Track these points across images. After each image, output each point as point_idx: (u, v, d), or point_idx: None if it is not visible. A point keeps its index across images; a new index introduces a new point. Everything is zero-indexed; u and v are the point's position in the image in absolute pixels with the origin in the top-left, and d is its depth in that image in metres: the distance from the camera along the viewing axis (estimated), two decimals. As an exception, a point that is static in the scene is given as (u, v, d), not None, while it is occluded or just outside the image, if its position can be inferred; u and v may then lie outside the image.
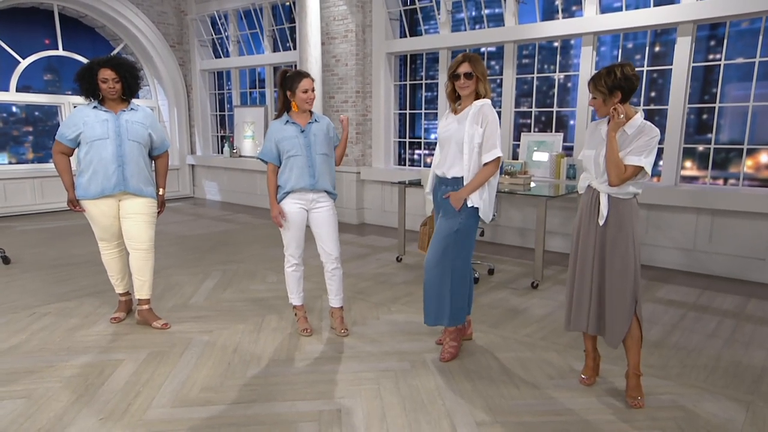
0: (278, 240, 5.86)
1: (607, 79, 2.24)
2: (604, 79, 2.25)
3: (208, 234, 6.34)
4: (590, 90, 2.35)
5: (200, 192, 9.37)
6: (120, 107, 3.20)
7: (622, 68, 2.23)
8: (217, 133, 9.34)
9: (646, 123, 2.30)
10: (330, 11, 6.70)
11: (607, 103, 2.29)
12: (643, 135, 2.27)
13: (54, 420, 2.32)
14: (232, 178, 8.72)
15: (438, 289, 2.81)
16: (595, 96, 2.33)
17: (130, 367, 2.83)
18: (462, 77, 2.66)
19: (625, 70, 2.23)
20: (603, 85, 2.26)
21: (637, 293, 2.40)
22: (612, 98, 2.27)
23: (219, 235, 6.30)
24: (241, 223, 7.08)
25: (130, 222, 3.28)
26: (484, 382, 2.68)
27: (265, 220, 7.23)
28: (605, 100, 2.29)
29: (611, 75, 2.23)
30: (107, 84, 3.08)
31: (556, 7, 5.50)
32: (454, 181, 2.76)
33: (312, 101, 2.99)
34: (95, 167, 3.14)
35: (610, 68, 2.25)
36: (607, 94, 2.27)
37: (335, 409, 2.41)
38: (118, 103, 3.20)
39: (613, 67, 2.25)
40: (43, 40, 7.83)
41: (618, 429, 2.25)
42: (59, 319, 3.52)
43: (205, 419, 2.34)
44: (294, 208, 3.07)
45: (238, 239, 6.06)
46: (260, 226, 6.86)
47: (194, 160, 9.22)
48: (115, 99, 3.16)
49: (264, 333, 3.31)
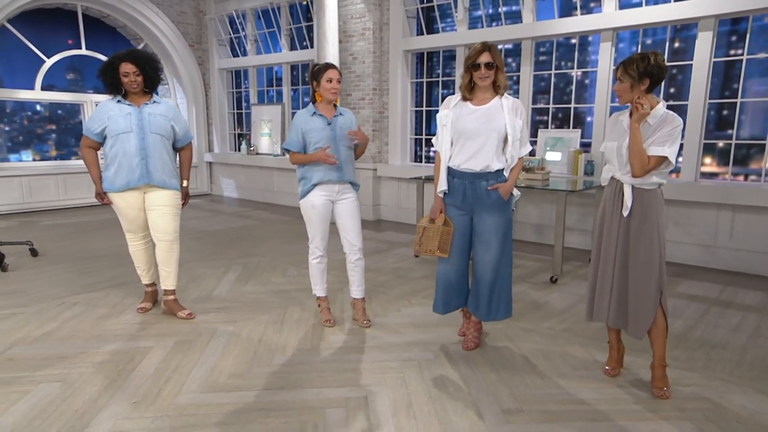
0: (296, 235, 5.95)
1: (640, 63, 2.21)
2: (637, 64, 2.22)
3: (227, 229, 6.40)
4: (619, 74, 2.29)
5: (217, 189, 9.46)
6: (143, 100, 3.25)
7: (655, 56, 2.22)
8: (234, 131, 9.42)
9: (668, 112, 2.28)
10: (348, 9, 6.73)
11: (634, 89, 2.26)
12: (666, 124, 2.25)
13: (89, 402, 2.36)
14: (249, 176, 8.79)
15: (502, 282, 2.77)
16: (623, 80, 2.28)
17: (159, 355, 2.87)
18: (483, 67, 2.57)
19: (657, 58, 2.21)
20: (634, 70, 2.22)
21: (662, 284, 2.39)
22: (640, 85, 2.25)
23: (237, 230, 6.36)
24: (259, 219, 7.13)
25: (155, 214, 3.32)
26: (508, 372, 2.68)
27: (283, 216, 7.28)
28: (633, 86, 2.26)
29: (645, 60, 2.21)
30: (128, 78, 3.13)
31: (574, 4, 5.48)
32: (496, 174, 2.68)
33: (336, 92, 3.00)
34: (120, 161, 3.19)
35: (644, 54, 2.23)
36: (636, 79, 2.24)
37: (362, 396, 2.43)
38: (140, 97, 3.24)
39: (646, 54, 2.23)
40: (67, 40, 7.95)
41: (645, 419, 2.24)
42: (87, 308, 3.59)
43: (235, 404, 2.37)
44: (321, 201, 3.09)
45: (257, 234, 6.11)
46: (278, 221, 6.91)
47: (212, 158, 9.31)
48: (137, 92, 3.20)
49: (287, 324, 3.34)
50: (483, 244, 2.73)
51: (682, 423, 2.20)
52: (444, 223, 2.78)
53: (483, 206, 2.71)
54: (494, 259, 2.72)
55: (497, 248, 2.71)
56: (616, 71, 2.33)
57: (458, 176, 2.72)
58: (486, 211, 2.71)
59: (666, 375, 2.46)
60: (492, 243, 2.71)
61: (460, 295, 2.90)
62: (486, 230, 2.72)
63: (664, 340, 2.44)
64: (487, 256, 2.73)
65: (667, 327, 2.43)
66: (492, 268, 2.73)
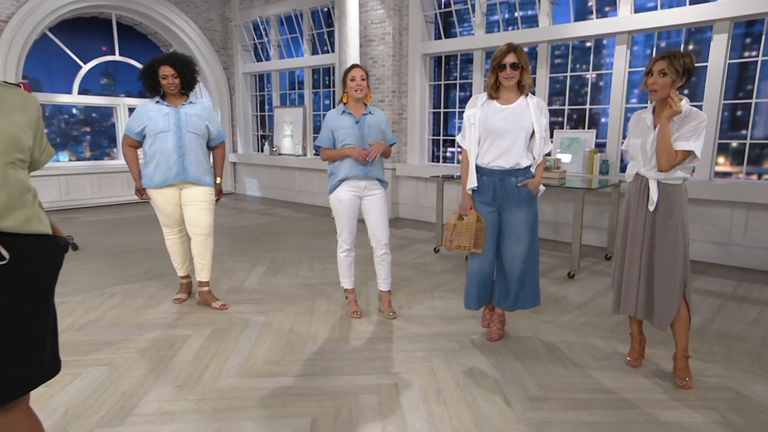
0: (318, 232, 5.98)
1: (686, 59, 2.18)
2: (683, 60, 2.18)
3: (253, 226, 6.46)
4: (663, 67, 2.22)
5: (241, 188, 9.54)
6: (180, 101, 3.30)
7: (693, 56, 2.21)
8: (257, 132, 9.50)
9: (692, 108, 2.26)
10: (368, 15, 6.75)
11: (675, 84, 2.22)
12: (691, 120, 2.23)
13: (135, 385, 2.41)
14: (272, 175, 8.86)
15: (530, 274, 2.77)
16: (666, 73, 2.21)
17: (196, 342, 2.92)
18: (508, 67, 2.57)
19: (694, 58, 2.20)
20: (681, 65, 2.18)
21: (686, 277, 2.37)
22: (679, 80, 2.22)
23: (262, 227, 6.41)
24: (282, 216, 7.19)
25: (191, 209, 3.37)
26: (532, 362, 2.68)
27: (305, 213, 7.32)
28: (674, 81, 2.21)
29: (689, 57, 2.18)
30: (167, 80, 3.18)
31: (589, 8, 5.44)
32: (525, 171, 2.69)
33: (361, 89, 3.02)
34: (158, 158, 3.24)
35: (686, 52, 2.21)
36: (680, 74, 2.20)
37: (392, 383, 2.45)
38: (178, 98, 3.30)
39: (688, 53, 2.21)
40: (101, 47, 8.08)
41: (669, 407, 2.23)
42: (127, 299, 3.65)
43: (271, 389, 2.40)
44: (348, 196, 3.11)
45: (281, 231, 6.16)
46: (300, 219, 6.95)
47: (236, 158, 9.39)
48: (175, 94, 3.26)
49: (316, 315, 3.37)
50: (513, 238, 2.74)
51: (706, 412, 2.18)
52: (476, 220, 2.77)
53: (513, 202, 2.71)
54: (524, 252, 2.73)
55: (527, 242, 2.72)
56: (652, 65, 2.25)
57: (487, 174, 2.72)
58: (516, 207, 2.72)
59: (688, 366, 2.44)
60: (522, 237, 2.72)
61: (489, 289, 2.90)
62: (516, 225, 2.73)
63: (687, 331, 2.42)
64: (516, 249, 2.74)
65: (690, 319, 2.41)
66: (522, 260, 2.74)
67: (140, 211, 7.43)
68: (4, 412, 1.44)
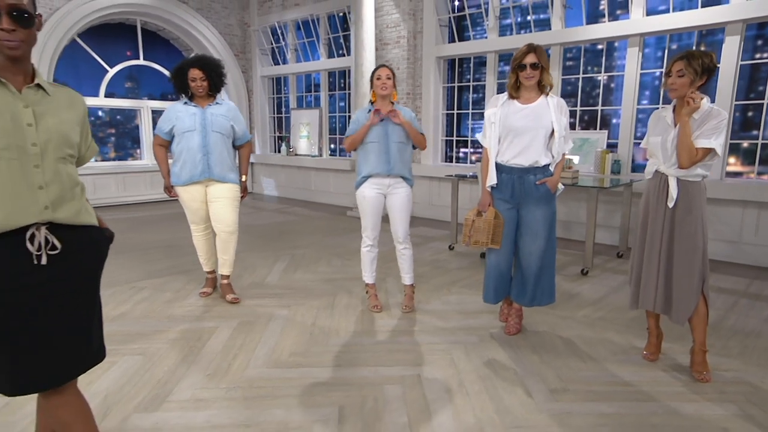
0: (335, 230, 6.01)
1: (705, 59, 2.17)
2: (702, 60, 2.17)
3: (271, 224, 6.50)
4: (680, 67, 2.22)
5: (258, 188, 9.60)
6: (207, 102, 3.33)
7: (715, 55, 2.19)
8: (274, 133, 9.56)
9: (713, 107, 2.25)
10: (383, 19, 6.77)
11: (693, 84, 2.22)
12: (712, 118, 2.22)
13: (168, 373, 2.45)
14: (289, 175, 8.90)
15: (547, 270, 2.76)
16: (684, 74, 2.21)
17: (224, 334, 2.95)
18: (528, 68, 2.57)
19: (715, 57, 2.19)
20: (699, 65, 2.18)
21: (705, 273, 2.35)
22: (699, 80, 2.21)
23: (280, 225, 6.46)
24: (299, 215, 7.23)
25: (216, 205, 3.40)
26: (551, 355, 2.68)
27: (321, 212, 7.35)
28: (693, 81, 2.21)
29: (708, 57, 2.17)
30: (195, 82, 3.22)
31: (601, 12, 5.41)
32: (543, 169, 2.68)
33: (386, 87, 3.02)
34: (185, 157, 3.28)
35: (706, 52, 2.20)
36: (699, 74, 2.19)
37: (415, 375, 2.46)
38: (205, 99, 3.33)
39: (708, 52, 2.20)
40: (126, 52, 8.19)
41: (689, 399, 2.22)
42: (155, 292, 3.70)
43: (299, 379, 2.42)
44: (372, 193, 3.12)
45: (298, 229, 6.19)
46: (317, 217, 6.99)
47: (254, 159, 9.45)
48: (203, 95, 3.29)
49: (337, 309, 3.39)
50: (531, 234, 2.73)
51: (725, 404, 2.17)
52: (494, 216, 2.77)
53: (531, 199, 2.70)
54: (541, 248, 2.72)
55: (544, 238, 2.72)
56: (671, 65, 2.26)
57: (506, 171, 2.72)
58: (534, 204, 2.71)
59: (706, 360, 2.42)
60: (540, 234, 2.71)
61: (507, 284, 2.90)
62: (534, 222, 2.71)
63: (705, 326, 2.40)
64: (534, 246, 2.73)
65: (708, 314, 2.39)
66: (539, 257, 2.73)
67: (162, 209, 7.52)
68: (58, 394, 1.47)
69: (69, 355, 1.47)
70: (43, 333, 1.42)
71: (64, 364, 1.47)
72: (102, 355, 1.59)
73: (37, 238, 1.40)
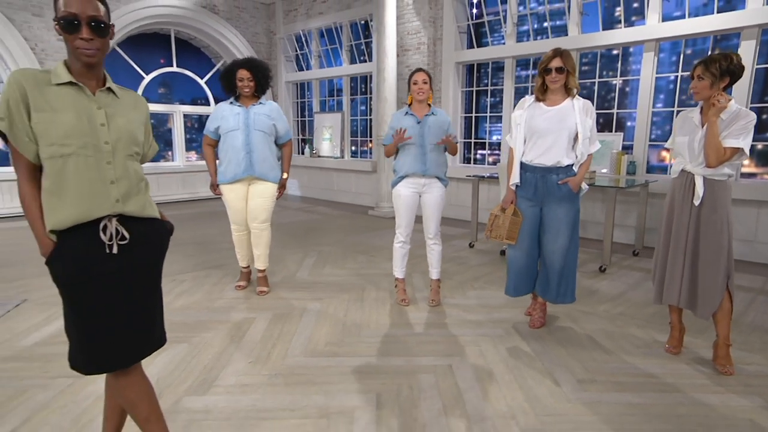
0: (358, 228, 6.04)
1: (723, 62, 2.16)
2: (720, 63, 2.17)
3: (297, 222, 6.56)
4: (699, 72, 2.23)
5: (283, 188, 9.66)
6: (251, 102, 3.35)
7: (737, 56, 2.17)
8: (298, 136, 9.63)
9: (741, 108, 2.23)
10: (405, 27, 6.78)
11: (713, 86, 2.21)
12: (740, 119, 2.20)
13: (213, 360, 2.50)
14: (312, 176, 8.97)
15: (569, 268, 2.75)
16: (703, 77, 2.22)
17: (261, 325, 3.00)
18: (554, 71, 2.57)
19: (738, 58, 2.17)
20: (717, 69, 2.17)
21: (730, 269, 2.33)
22: (720, 83, 2.20)
23: (306, 223, 6.51)
24: (322, 214, 7.28)
25: (253, 202, 3.44)
26: (576, 348, 2.67)
27: (343, 211, 7.40)
28: (713, 84, 2.20)
29: (728, 60, 2.16)
30: (243, 82, 3.25)
31: (617, 18, 5.36)
32: (566, 169, 2.67)
33: (423, 92, 3.04)
34: (229, 155, 3.31)
35: (726, 54, 2.18)
36: (718, 77, 2.18)
37: (446, 365, 2.47)
38: (250, 99, 3.35)
39: (729, 54, 2.18)
40: (159, 59, 8.33)
41: (714, 391, 2.20)
42: (195, 285, 3.77)
43: (335, 367, 2.45)
44: (407, 192, 3.14)
45: (323, 227, 6.24)
46: (340, 216, 7.03)
47: (279, 161, 9.52)
48: (248, 95, 3.32)
49: (367, 302, 3.42)
50: (552, 232, 2.72)
51: (750, 396, 2.15)
52: (513, 214, 2.78)
53: (553, 198, 2.70)
54: (563, 246, 2.71)
55: (566, 237, 2.70)
56: (693, 70, 2.27)
57: (530, 170, 2.72)
58: (556, 203, 2.70)
59: (729, 353, 2.40)
60: (561, 232, 2.70)
61: (529, 280, 2.88)
62: (556, 220, 2.70)
63: (729, 321, 2.38)
64: (556, 244, 2.71)
65: (732, 310, 2.37)
66: (561, 254, 2.72)
67: (193, 208, 7.63)
68: (126, 375, 1.53)
69: (137, 338, 1.52)
70: (115, 318, 1.47)
71: (133, 346, 1.52)
72: (163, 340, 1.64)
73: (108, 229, 1.45)
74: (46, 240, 1.44)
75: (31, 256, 4.56)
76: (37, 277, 3.93)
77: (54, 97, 1.41)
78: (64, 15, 1.38)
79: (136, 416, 1.57)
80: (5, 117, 1.39)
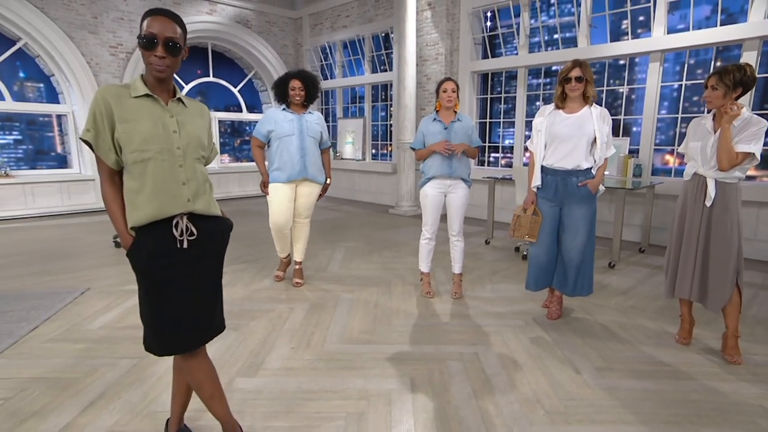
0: (380, 226, 6.07)
1: (737, 74, 2.15)
2: (734, 74, 2.15)
3: (324, 220, 6.62)
4: (713, 82, 2.21)
5: (308, 188, 9.73)
6: (301, 110, 3.40)
7: (750, 68, 2.15)
8: (322, 141, 9.67)
9: (752, 115, 2.21)
10: (423, 38, 6.79)
11: (727, 96, 2.20)
12: (751, 125, 2.18)
13: (259, 345, 2.56)
14: (335, 177, 9.00)
15: (586, 264, 2.76)
16: (716, 88, 2.21)
17: (300, 314, 3.05)
18: (573, 81, 2.58)
19: (751, 69, 2.15)
20: (730, 80, 2.16)
21: (740, 266, 2.32)
22: (733, 93, 2.19)
23: (332, 221, 6.56)
24: (347, 212, 7.32)
25: (300, 201, 3.50)
26: (591, 338, 2.68)
27: (366, 210, 7.43)
28: (726, 94, 2.19)
29: (741, 71, 2.14)
30: (294, 91, 3.30)
31: (623, 30, 5.31)
32: (585, 172, 2.67)
33: (451, 100, 3.05)
34: (285, 158, 3.33)
35: (740, 66, 2.17)
36: (731, 87, 2.17)
37: (472, 353, 2.50)
38: (300, 107, 3.40)
39: (743, 65, 2.16)
40: (197, 70, 8.45)
41: (725, 379, 2.19)
42: (235, 277, 3.84)
43: (370, 353, 2.49)
44: (434, 192, 3.17)
45: (348, 224, 6.28)
46: (363, 214, 7.07)
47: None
48: (298, 104, 3.36)
49: (394, 294, 3.45)
50: (572, 231, 2.73)
51: (760, 384, 2.14)
52: (534, 213, 2.80)
53: (572, 199, 2.70)
54: (582, 243, 2.71)
55: (584, 235, 2.71)
56: (707, 80, 2.25)
57: (551, 173, 2.73)
58: (575, 203, 2.70)
59: (738, 344, 2.39)
60: (580, 230, 2.71)
61: (548, 275, 2.90)
62: (574, 219, 2.71)
63: (738, 314, 2.37)
64: (575, 241, 2.72)
65: (741, 303, 2.36)
66: (579, 251, 2.72)
67: (227, 207, 7.73)
68: (193, 357, 1.58)
69: (203, 323, 1.58)
70: (184, 305, 1.53)
71: (199, 331, 1.58)
72: (223, 325, 1.69)
73: (180, 226, 1.51)
74: (127, 235, 1.50)
75: (89, 249, 4.69)
76: (96, 267, 4.05)
77: (134, 108, 1.47)
78: (146, 34, 1.44)
79: (202, 394, 1.63)
80: (91, 128, 1.45)
